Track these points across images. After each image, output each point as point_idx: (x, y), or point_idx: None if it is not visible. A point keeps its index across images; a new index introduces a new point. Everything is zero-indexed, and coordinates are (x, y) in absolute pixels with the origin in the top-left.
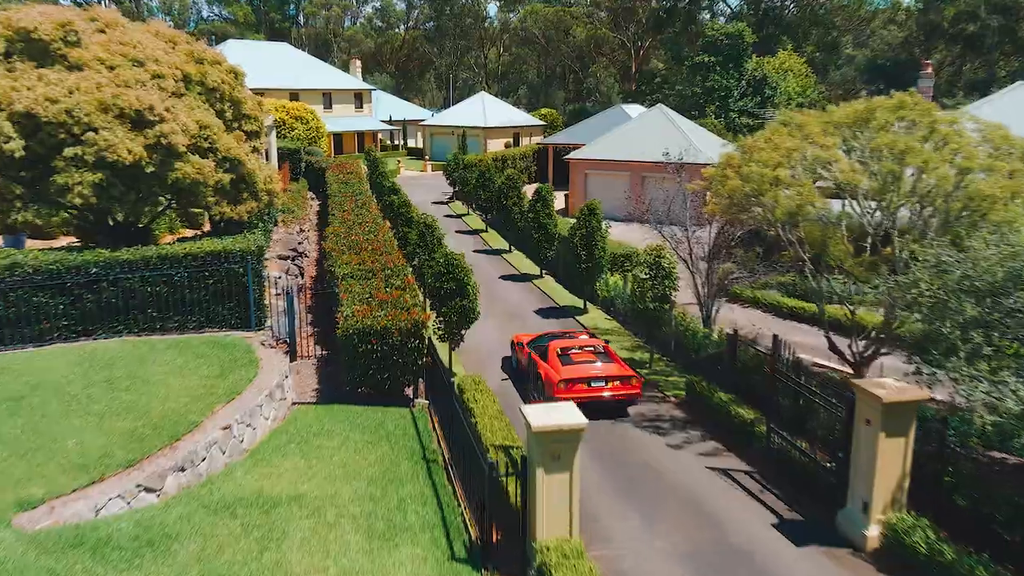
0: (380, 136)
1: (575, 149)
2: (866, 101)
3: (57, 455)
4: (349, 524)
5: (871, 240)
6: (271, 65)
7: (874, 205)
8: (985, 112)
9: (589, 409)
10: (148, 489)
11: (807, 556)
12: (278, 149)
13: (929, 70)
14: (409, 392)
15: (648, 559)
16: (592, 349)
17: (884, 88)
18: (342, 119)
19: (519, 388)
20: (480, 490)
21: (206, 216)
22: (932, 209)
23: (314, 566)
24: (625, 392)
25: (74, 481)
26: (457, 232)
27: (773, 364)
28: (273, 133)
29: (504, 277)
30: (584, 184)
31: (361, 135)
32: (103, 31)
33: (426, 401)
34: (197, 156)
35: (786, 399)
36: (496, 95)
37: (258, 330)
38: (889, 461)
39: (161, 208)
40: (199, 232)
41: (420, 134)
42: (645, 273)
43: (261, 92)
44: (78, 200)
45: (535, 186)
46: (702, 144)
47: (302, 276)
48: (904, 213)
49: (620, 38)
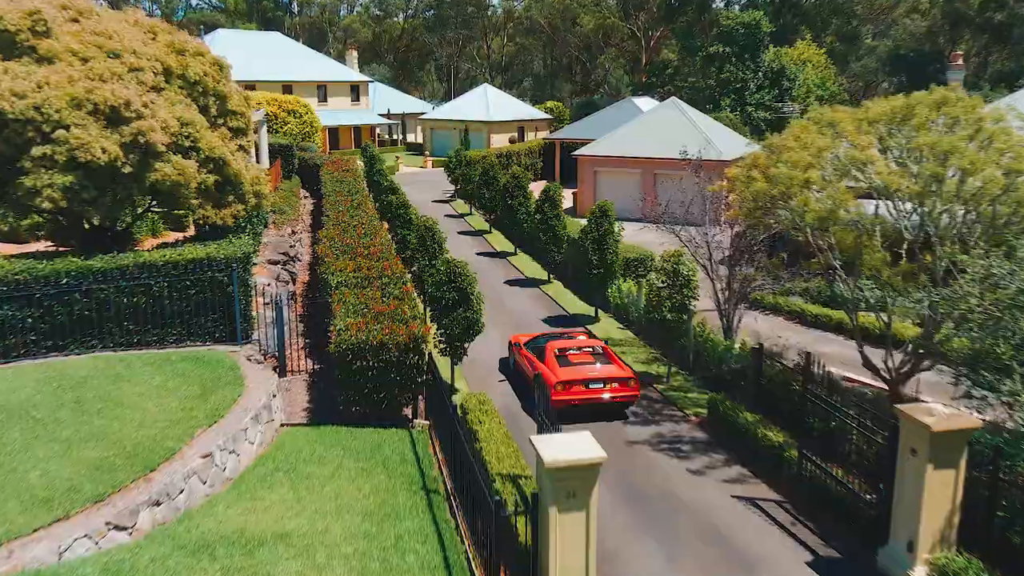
0: (378, 131)
1: (584, 145)
2: (904, 97)
3: (18, 490)
4: (341, 566)
5: (907, 246)
6: (263, 56)
7: (909, 207)
8: (1021, 106)
9: (587, 411)
10: (119, 527)
11: None
12: (269, 145)
13: (959, 62)
14: (408, 412)
15: None
16: (590, 350)
17: (906, 80)
18: (338, 113)
19: (517, 390)
20: (486, 528)
21: (191, 218)
22: (975, 215)
23: None
24: (624, 394)
25: (36, 520)
26: (459, 233)
27: (805, 384)
28: (264, 128)
29: (510, 282)
30: (594, 182)
31: (358, 129)
32: (76, 20)
33: (426, 422)
34: (178, 156)
35: (817, 419)
36: (500, 87)
37: (244, 343)
38: (937, 495)
39: (142, 210)
40: (181, 237)
41: (420, 128)
42: (662, 281)
43: (252, 84)
44: (47, 204)
45: (542, 184)
46: (718, 140)
47: (294, 282)
48: (944, 218)
49: (630, 27)
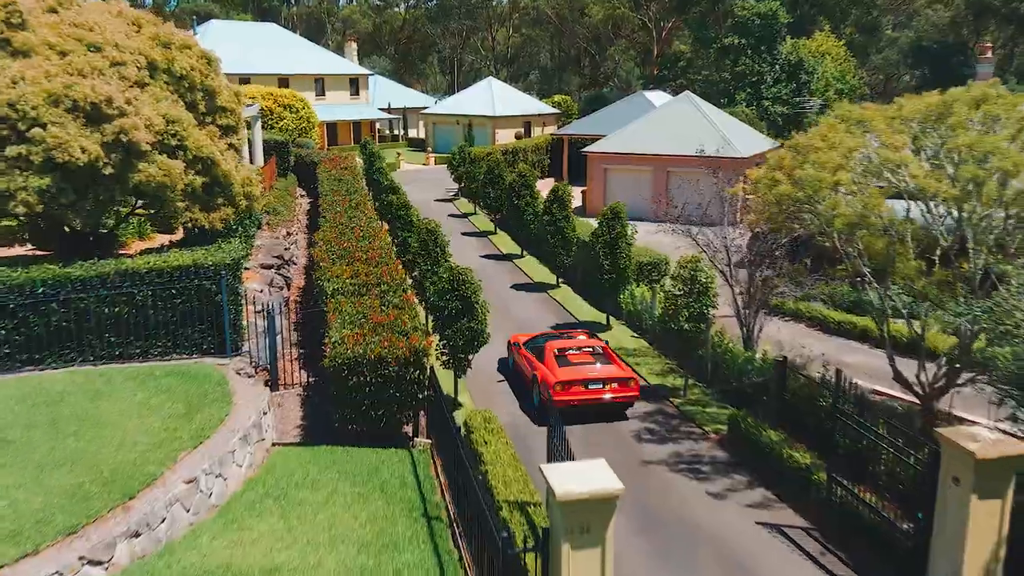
0: (378, 126)
1: (593, 141)
2: (939, 93)
3: None
4: None
5: (940, 252)
6: (258, 48)
7: (943, 211)
8: None
9: (587, 411)
10: (93, 562)
11: None
12: (264, 141)
13: (989, 54)
14: (408, 429)
15: None
16: (590, 350)
17: (929, 73)
18: (336, 107)
19: (515, 390)
20: (492, 563)
21: (179, 220)
22: (1014, 222)
23: None
24: (624, 394)
25: (1, 556)
26: (463, 234)
27: (835, 402)
28: (258, 124)
29: (516, 287)
30: (604, 180)
31: (357, 125)
32: (54, 11)
33: (428, 441)
34: (164, 155)
35: (846, 438)
36: (505, 80)
37: (234, 355)
38: (982, 527)
39: (127, 212)
40: (168, 242)
41: (422, 123)
42: (679, 288)
43: (246, 78)
44: (21, 209)
45: (549, 182)
46: (734, 136)
47: (288, 287)
48: (983, 224)
49: (640, 18)
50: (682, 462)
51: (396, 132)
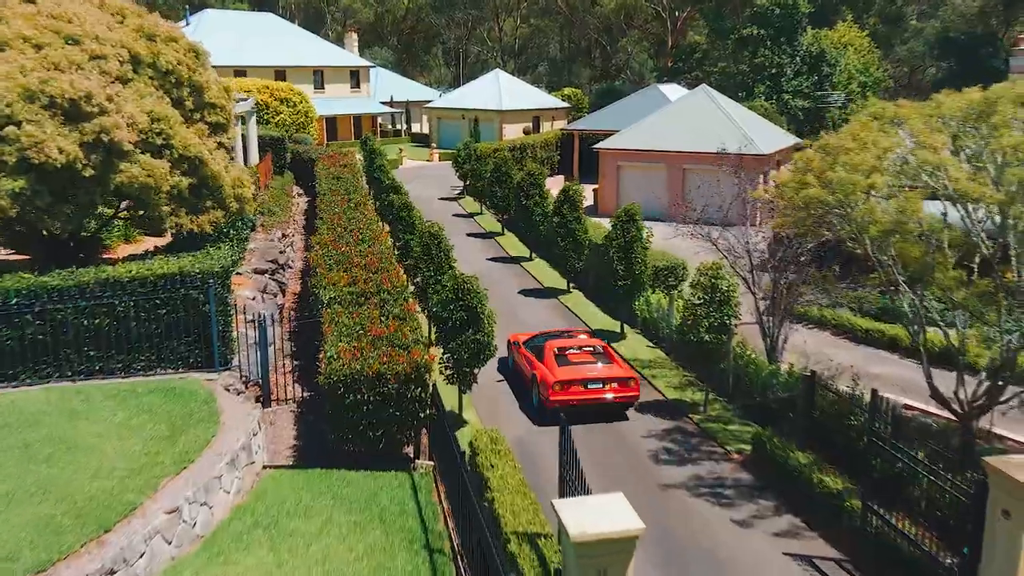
0: (380, 120)
1: (605, 137)
2: (980, 90)
3: None
4: None
5: (980, 259)
6: (254, 39)
7: (982, 215)
8: None
9: (586, 412)
10: None
11: None
12: (259, 137)
13: (1022, 46)
14: (409, 451)
15: None
16: (591, 349)
17: (956, 65)
18: (336, 101)
19: (515, 390)
20: None
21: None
22: None
23: None
24: (624, 395)
25: None
26: (469, 235)
27: (871, 424)
28: (253, 119)
29: (525, 292)
30: (616, 177)
31: (358, 119)
32: (31, 1)
33: (430, 463)
34: (148, 155)
35: (881, 460)
36: (513, 73)
37: (223, 369)
38: None
39: (111, 215)
40: (152, 248)
41: (426, 118)
42: (699, 297)
43: (242, 70)
44: None
45: (559, 179)
46: (753, 131)
47: (283, 293)
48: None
49: (654, 7)
50: (703, 486)
51: (399, 127)
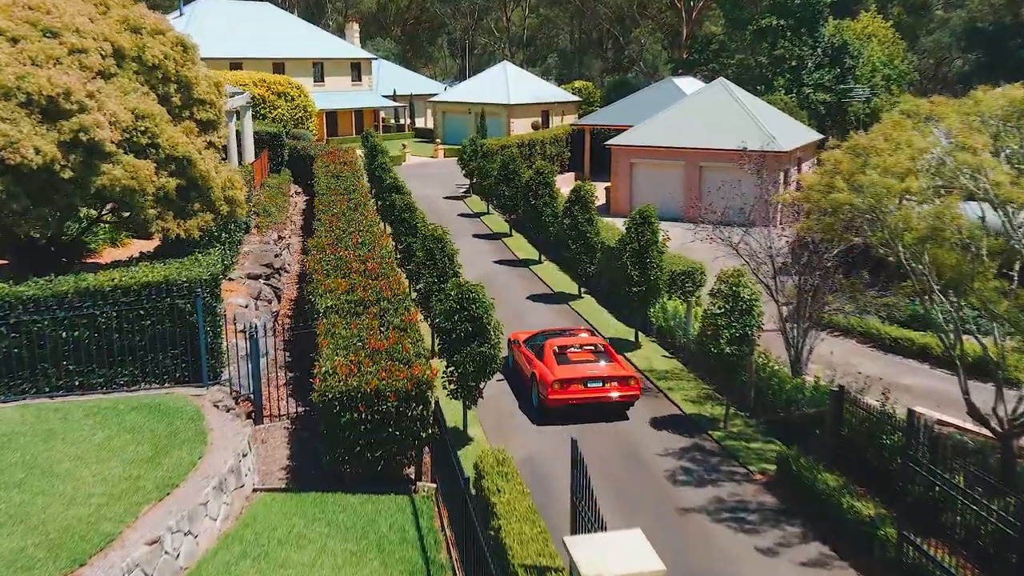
0: (382, 115)
1: (618, 132)
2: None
3: None
4: None
5: (1020, 265)
6: (251, 29)
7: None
8: None
9: (585, 411)
10: None
11: None
12: (255, 133)
13: None
14: (410, 471)
15: None
16: (591, 348)
17: (984, 57)
18: (336, 94)
19: (515, 390)
20: None
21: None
22: None
23: None
24: (624, 394)
25: None
26: (475, 236)
27: (907, 448)
28: (248, 114)
29: (533, 298)
30: (629, 175)
31: (359, 113)
32: None
33: (432, 485)
34: (132, 155)
35: (916, 485)
36: (521, 65)
37: (212, 384)
38: None
39: (94, 218)
40: (138, 253)
41: (430, 112)
42: (719, 306)
43: (238, 63)
44: None
45: (569, 177)
46: (773, 127)
47: (278, 299)
48: None
49: None
50: (725, 509)
51: (402, 121)
